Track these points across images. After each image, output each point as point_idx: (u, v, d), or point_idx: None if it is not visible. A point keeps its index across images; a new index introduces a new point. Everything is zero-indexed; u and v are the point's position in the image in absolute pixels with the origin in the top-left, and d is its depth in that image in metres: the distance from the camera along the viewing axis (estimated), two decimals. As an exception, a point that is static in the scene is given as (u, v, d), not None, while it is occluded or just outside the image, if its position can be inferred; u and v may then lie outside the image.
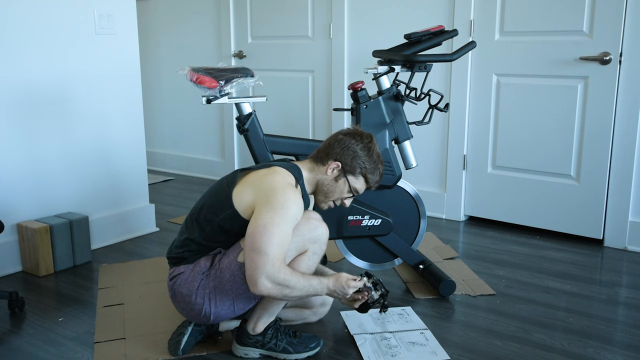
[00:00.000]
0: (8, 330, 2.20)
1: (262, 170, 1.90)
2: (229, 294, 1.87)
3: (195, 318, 1.94)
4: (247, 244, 1.76)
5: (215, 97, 2.28)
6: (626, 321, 2.25)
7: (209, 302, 1.87)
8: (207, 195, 1.97)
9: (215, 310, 1.89)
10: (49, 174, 2.88)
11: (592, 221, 3.11)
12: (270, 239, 1.73)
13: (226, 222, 1.86)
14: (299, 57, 4.04)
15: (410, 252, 2.55)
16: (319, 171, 1.97)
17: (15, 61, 2.71)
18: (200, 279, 1.87)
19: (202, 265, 1.89)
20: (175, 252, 1.96)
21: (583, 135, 3.07)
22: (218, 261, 1.88)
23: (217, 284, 1.86)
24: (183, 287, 1.89)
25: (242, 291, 1.86)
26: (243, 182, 1.88)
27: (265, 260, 1.72)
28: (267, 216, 1.75)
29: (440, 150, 3.56)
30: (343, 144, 1.95)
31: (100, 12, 3.01)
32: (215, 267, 1.87)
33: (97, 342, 2.08)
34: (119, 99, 3.16)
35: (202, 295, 1.87)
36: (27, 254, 2.73)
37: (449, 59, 2.34)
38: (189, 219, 1.97)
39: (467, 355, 2.00)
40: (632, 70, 2.88)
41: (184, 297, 1.89)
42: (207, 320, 1.92)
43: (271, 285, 1.75)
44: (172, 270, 1.95)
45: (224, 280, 1.85)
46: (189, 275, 1.89)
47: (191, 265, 1.90)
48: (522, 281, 2.64)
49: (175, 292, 1.92)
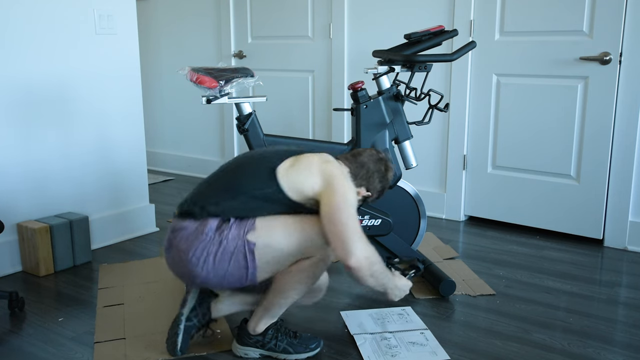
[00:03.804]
0: (8, 330, 2.20)
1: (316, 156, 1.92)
2: (226, 265, 1.82)
3: (181, 275, 1.88)
4: (327, 224, 1.79)
5: (215, 97, 2.29)
6: (626, 321, 2.25)
7: (203, 265, 1.82)
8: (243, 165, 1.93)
9: (206, 276, 1.83)
10: (49, 173, 2.88)
11: (592, 221, 3.11)
12: (348, 214, 1.79)
13: (266, 196, 1.85)
14: (299, 57, 4.04)
15: (410, 252, 2.55)
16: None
17: (15, 61, 2.71)
18: (202, 240, 1.82)
19: (209, 227, 1.84)
20: (186, 206, 1.90)
21: (583, 135, 3.07)
22: (227, 229, 1.83)
23: (218, 251, 1.81)
24: (183, 242, 1.84)
25: (238, 268, 1.82)
26: (294, 164, 1.89)
27: (352, 231, 1.77)
28: (337, 198, 1.81)
29: (440, 150, 3.56)
30: (381, 180, 2.02)
31: (100, 12, 3.01)
32: (222, 233, 1.83)
33: (97, 342, 2.08)
34: (119, 99, 3.16)
35: (199, 256, 1.81)
36: (27, 254, 2.73)
37: (449, 59, 2.34)
38: (214, 181, 1.93)
39: (467, 355, 2.00)
40: (632, 70, 2.88)
41: (181, 252, 1.84)
42: (191, 282, 1.87)
43: (364, 255, 1.78)
44: (175, 222, 1.90)
45: (226, 251, 1.81)
46: (193, 232, 1.84)
47: (197, 224, 1.85)
48: (522, 281, 2.64)
49: (173, 245, 1.86)
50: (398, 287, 1.99)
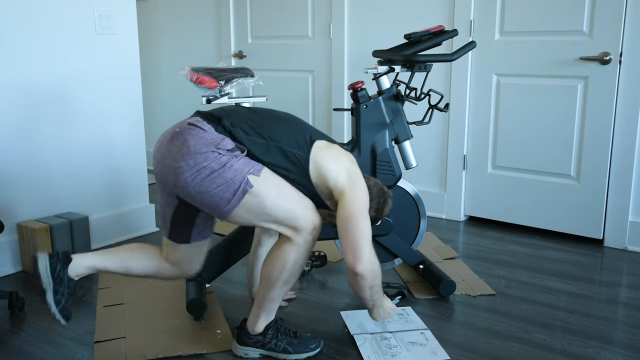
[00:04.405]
0: (8, 330, 2.21)
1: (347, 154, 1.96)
2: (213, 187, 1.77)
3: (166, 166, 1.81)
4: (344, 227, 1.83)
5: (215, 97, 2.29)
6: (626, 321, 2.25)
7: (195, 174, 1.76)
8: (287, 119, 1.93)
9: (189, 182, 1.77)
10: (49, 173, 2.88)
11: (592, 221, 3.11)
12: (366, 222, 1.84)
13: (292, 157, 1.86)
14: (299, 57, 4.04)
15: (410, 252, 2.55)
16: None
17: (15, 61, 2.71)
18: (212, 151, 1.77)
19: (224, 144, 1.79)
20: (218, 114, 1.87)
21: (583, 135, 3.07)
22: (237, 157, 1.80)
23: (216, 170, 1.77)
24: (194, 140, 1.77)
25: (221, 197, 1.78)
26: (328, 147, 1.91)
27: (366, 239, 1.83)
28: (359, 204, 1.86)
29: (440, 150, 3.56)
30: (377, 210, 2.03)
31: (100, 12, 3.01)
32: (231, 159, 1.79)
33: (97, 342, 2.08)
34: (119, 99, 3.16)
35: (198, 162, 1.76)
36: (27, 254, 2.73)
37: (449, 59, 2.34)
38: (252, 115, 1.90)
39: (467, 355, 2.00)
40: (632, 70, 2.88)
41: (185, 147, 1.77)
42: (173, 182, 1.80)
43: (372, 265, 1.85)
44: (197, 119, 1.84)
45: (222, 175, 1.77)
46: (208, 139, 1.78)
47: (216, 135, 1.80)
48: (522, 281, 2.64)
49: (182, 134, 1.79)
50: (384, 308, 2.05)
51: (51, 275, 1.86)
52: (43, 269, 1.85)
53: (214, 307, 2.35)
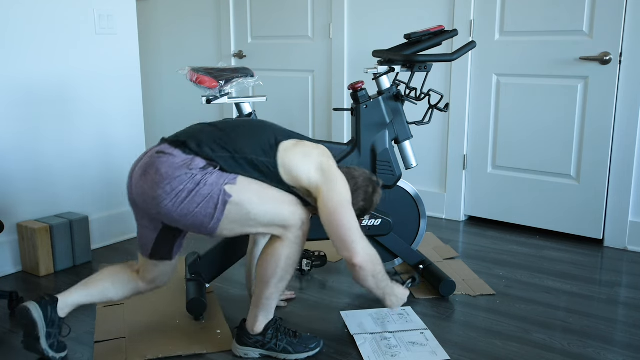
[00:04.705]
0: (8, 330, 2.20)
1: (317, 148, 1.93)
2: (194, 206, 1.79)
3: (145, 198, 1.83)
4: (328, 224, 1.83)
5: (215, 97, 2.29)
6: (626, 321, 2.25)
7: (174, 198, 1.78)
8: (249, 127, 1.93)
9: (171, 208, 1.79)
10: (49, 173, 2.88)
11: (592, 221, 3.11)
12: (348, 214, 1.83)
13: (259, 165, 1.86)
14: (299, 57, 4.04)
15: (410, 252, 2.55)
16: None
17: (16, 61, 2.71)
18: (184, 173, 1.79)
19: (196, 164, 1.81)
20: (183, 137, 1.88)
21: (583, 135, 3.07)
22: (210, 173, 1.81)
23: (194, 190, 1.78)
24: (165, 167, 1.79)
25: (204, 215, 1.80)
26: (296, 146, 1.90)
27: (354, 230, 1.82)
28: (337, 197, 1.84)
29: (440, 150, 3.56)
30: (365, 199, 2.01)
31: (100, 12, 3.01)
32: (205, 175, 1.80)
33: (97, 342, 2.08)
34: (119, 99, 3.16)
35: (175, 187, 1.78)
36: (27, 254, 2.74)
37: (449, 59, 2.34)
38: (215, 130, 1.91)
39: (467, 355, 2.00)
40: (632, 70, 2.88)
41: (158, 175, 1.79)
42: (155, 211, 1.82)
43: (368, 253, 1.83)
44: (165, 146, 1.86)
45: (200, 193, 1.78)
46: (179, 163, 1.80)
47: (185, 156, 1.82)
48: (522, 281, 2.64)
49: (154, 166, 1.81)
50: (396, 295, 2.02)
51: (44, 320, 1.91)
52: (37, 317, 1.90)
53: (214, 307, 2.35)
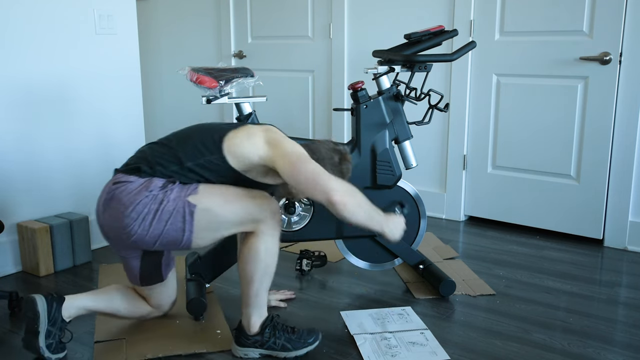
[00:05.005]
0: (8, 330, 2.20)
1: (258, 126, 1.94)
2: (162, 225, 1.83)
3: (115, 230, 1.87)
4: (294, 180, 1.79)
5: (215, 97, 2.29)
6: (626, 321, 2.25)
7: (142, 222, 1.82)
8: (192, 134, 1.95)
9: (141, 232, 1.83)
10: (49, 173, 2.88)
11: (592, 221, 3.11)
12: (308, 163, 1.80)
13: (210, 164, 1.88)
14: (299, 57, 4.04)
15: (410, 252, 2.55)
16: None
17: (16, 61, 2.71)
18: (145, 196, 1.82)
19: (154, 184, 1.85)
20: (134, 163, 1.92)
21: (583, 135, 3.07)
22: (170, 189, 1.85)
23: (158, 209, 1.82)
24: (125, 195, 1.83)
25: (175, 230, 1.84)
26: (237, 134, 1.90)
27: (320, 172, 1.78)
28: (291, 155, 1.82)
29: (440, 150, 3.56)
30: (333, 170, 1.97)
31: (100, 12, 3.01)
32: (166, 193, 1.84)
33: (97, 342, 2.08)
34: (119, 99, 3.16)
35: (140, 212, 1.82)
36: (27, 254, 2.73)
37: (449, 59, 2.34)
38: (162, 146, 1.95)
39: (467, 355, 2.00)
40: (632, 70, 2.88)
41: (121, 205, 1.83)
42: (127, 239, 1.86)
43: (343, 187, 1.78)
44: (120, 175, 1.90)
45: (165, 210, 1.82)
46: (137, 187, 1.84)
47: (142, 180, 1.86)
48: (522, 281, 2.64)
49: (114, 196, 1.85)
50: (394, 223, 1.96)
51: (47, 315, 1.92)
52: (41, 309, 1.90)
53: (214, 307, 2.35)
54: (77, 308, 2.00)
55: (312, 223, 2.38)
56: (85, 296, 2.04)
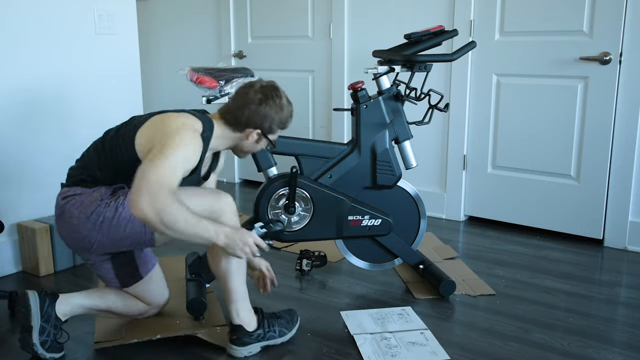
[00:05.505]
0: (8, 330, 2.20)
1: (169, 113, 1.88)
2: (121, 230, 1.83)
3: (74, 242, 1.88)
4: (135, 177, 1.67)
5: (215, 97, 2.29)
6: (626, 321, 2.25)
7: (99, 230, 1.82)
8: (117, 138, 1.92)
9: (101, 240, 1.84)
10: (49, 173, 2.88)
11: (592, 221, 3.11)
12: (156, 170, 1.65)
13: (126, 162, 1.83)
14: (299, 57, 4.04)
15: (410, 252, 2.55)
16: (236, 136, 1.95)
17: (16, 61, 2.71)
18: (97, 205, 1.82)
19: (103, 193, 1.85)
20: (75, 174, 1.93)
21: (583, 135, 3.07)
22: (123, 195, 1.84)
23: (114, 216, 1.81)
24: (76, 208, 1.84)
25: (136, 233, 1.84)
26: (147, 124, 1.86)
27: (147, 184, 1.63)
28: (157, 151, 1.71)
29: (440, 150, 3.56)
30: (259, 113, 1.92)
31: (100, 12, 3.01)
32: (118, 199, 1.83)
33: (97, 342, 2.08)
34: (119, 99, 3.16)
35: (94, 221, 1.82)
36: (27, 254, 2.74)
37: (449, 59, 2.34)
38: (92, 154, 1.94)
39: (467, 355, 2.00)
40: (632, 70, 2.88)
41: (74, 218, 1.84)
42: (89, 248, 1.87)
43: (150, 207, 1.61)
44: (66, 190, 1.90)
45: (122, 217, 1.82)
46: (86, 198, 1.84)
47: (90, 190, 1.86)
48: (522, 281, 2.64)
49: (65, 211, 1.86)
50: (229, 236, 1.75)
51: (39, 311, 1.91)
52: (33, 304, 1.90)
53: (214, 307, 2.35)
54: (71, 305, 2.01)
55: (312, 223, 2.38)
56: (79, 293, 2.06)
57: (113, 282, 2.07)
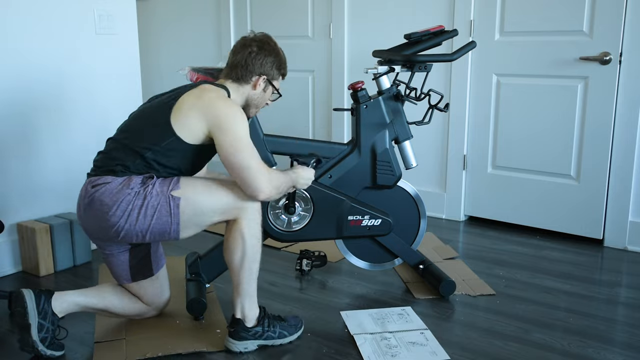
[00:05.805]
0: (8, 331, 2.20)
1: (195, 91, 1.95)
2: (149, 220, 1.87)
3: (102, 231, 1.91)
4: (228, 168, 1.89)
5: (215, 97, 2.28)
6: (626, 321, 2.25)
7: (127, 218, 1.86)
8: (142, 122, 1.98)
9: (129, 228, 1.87)
10: (49, 173, 2.88)
11: (592, 221, 3.11)
12: (244, 153, 1.88)
13: (171, 148, 1.91)
14: (299, 57, 4.04)
15: (410, 252, 2.55)
16: (245, 89, 2.07)
17: (15, 61, 2.71)
18: (128, 194, 1.86)
19: (134, 182, 1.88)
20: (102, 164, 1.95)
21: (583, 135, 3.07)
22: (151, 185, 1.88)
23: (143, 205, 1.86)
24: (106, 196, 1.86)
25: (162, 223, 1.88)
26: (180, 107, 1.92)
27: (256, 171, 1.87)
28: (229, 136, 1.88)
29: (440, 150, 3.56)
30: (260, 59, 2.06)
31: (100, 12, 3.01)
32: (147, 188, 1.87)
33: (97, 342, 2.08)
34: (119, 99, 3.16)
35: (124, 209, 1.85)
36: (27, 254, 2.73)
37: (449, 59, 2.34)
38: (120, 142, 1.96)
39: (467, 355, 2.00)
40: (632, 70, 2.88)
41: (104, 206, 1.86)
42: (115, 237, 1.90)
43: (269, 188, 1.90)
44: (95, 178, 1.92)
45: (150, 205, 1.86)
46: (117, 186, 1.87)
47: (121, 179, 1.89)
48: (522, 281, 2.64)
49: (95, 199, 1.88)
50: (303, 178, 2.11)
51: (36, 308, 1.92)
52: (28, 301, 1.91)
53: (214, 307, 2.35)
54: (67, 302, 2.01)
55: (312, 223, 2.38)
56: (75, 291, 2.06)
57: (123, 275, 2.08)
